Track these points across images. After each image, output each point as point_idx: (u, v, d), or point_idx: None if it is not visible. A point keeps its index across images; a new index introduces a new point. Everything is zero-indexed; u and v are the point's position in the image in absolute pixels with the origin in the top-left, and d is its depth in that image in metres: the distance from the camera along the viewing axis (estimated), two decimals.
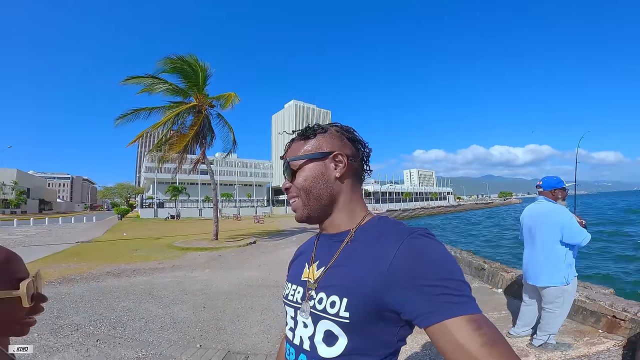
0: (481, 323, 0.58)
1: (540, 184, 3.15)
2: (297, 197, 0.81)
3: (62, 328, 3.91)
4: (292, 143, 0.85)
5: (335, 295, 0.71)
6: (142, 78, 12.51)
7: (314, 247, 0.87)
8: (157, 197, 55.08)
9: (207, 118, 13.63)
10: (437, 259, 0.65)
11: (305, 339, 0.76)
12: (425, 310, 0.61)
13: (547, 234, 2.90)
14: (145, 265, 8.34)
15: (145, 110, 13.09)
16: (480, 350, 0.54)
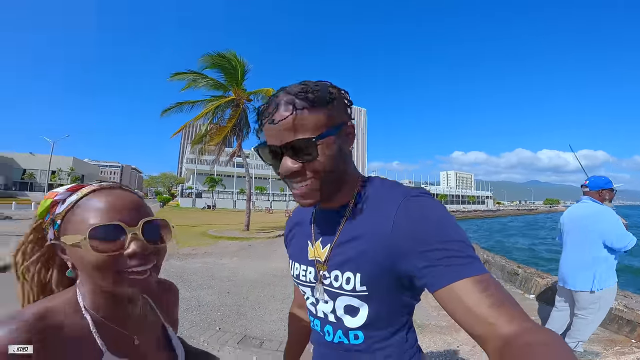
0: (488, 284, 0.56)
1: (587, 184, 2.93)
2: (309, 180, 0.67)
3: None
4: (283, 112, 0.64)
5: (349, 272, 0.71)
6: (186, 74, 13.31)
7: (312, 222, 0.84)
8: (196, 188, 57.83)
9: (244, 112, 14.14)
10: (436, 221, 0.63)
11: (329, 313, 0.77)
12: (431, 275, 0.60)
13: (589, 236, 2.71)
14: (180, 251, 8.77)
15: (188, 104, 13.89)
16: (488, 311, 0.52)
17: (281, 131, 0.65)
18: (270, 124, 0.66)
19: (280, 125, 0.64)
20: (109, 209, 0.58)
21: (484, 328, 0.52)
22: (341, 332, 0.76)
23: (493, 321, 0.51)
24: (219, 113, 13.99)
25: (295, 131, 0.64)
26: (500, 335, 0.50)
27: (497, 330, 0.50)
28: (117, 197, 0.61)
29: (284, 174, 0.68)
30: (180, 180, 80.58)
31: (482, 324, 0.52)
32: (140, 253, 0.58)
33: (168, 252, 0.68)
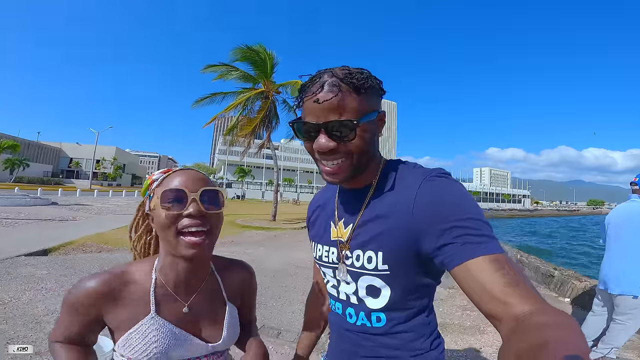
0: (503, 263, 0.56)
1: (637, 181, 2.72)
2: (340, 159, 0.69)
3: None
4: (328, 92, 0.66)
5: (371, 251, 0.72)
6: (218, 66, 13.73)
7: (336, 204, 0.85)
8: (226, 178, 59.65)
9: (273, 103, 14.36)
10: (454, 199, 0.64)
11: (351, 295, 0.78)
12: (449, 253, 0.60)
13: (633, 235, 2.56)
14: None
15: (219, 95, 14.30)
16: (503, 290, 0.52)
17: (324, 110, 0.66)
18: (314, 102, 0.67)
19: (324, 105, 0.66)
20: (180, 180, 0.73)
21: (497, 307, 0.52)
22: (364, 315, 0.76)
23: (507, 300, 0.51)
24: (249, 105, 14.27)
25: (339, 112, 0.66)
26: (513, 315, 0.49)
27: (510, 309, 0.50)
28: (188, 173, 0.76)
29: (318, 150, 0.69)
30: (212, 170, 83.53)
31: (496, 302, 0.52)
32: (196, 213, 0.70)
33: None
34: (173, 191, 0.71)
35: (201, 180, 0.75)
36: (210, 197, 0.74)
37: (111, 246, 7.22)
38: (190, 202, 0.70)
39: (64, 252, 6.50)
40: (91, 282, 0.71)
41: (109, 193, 31.37)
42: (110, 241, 7.63)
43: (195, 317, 0.78)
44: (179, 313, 0.76)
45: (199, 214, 0.70)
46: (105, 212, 14.80)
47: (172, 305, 0.76)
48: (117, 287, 0.72)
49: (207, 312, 0.80)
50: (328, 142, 0.67)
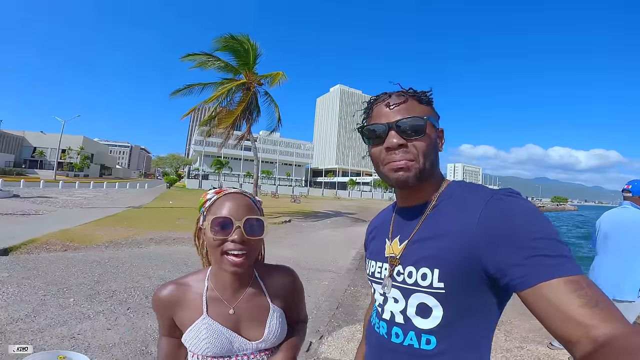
0: (581, 283, 0.52)
1: (629, 188, 2.74)
2: (411, 159, 0.71)
3: (99, 294, 4.01)
4: (397, 98, 0.74)
5: (426, 268, 0.70)
6: (198, 55, 13.15)
7: (392, 221, 0.86)
8: (202, 169, 58.16)
9: (254, 95, 13.99)
10: (525, 218, 0.61)
11: (397, 314, 0.76)
12: (518, 274, 0.57)
13: (628, 243, 2.60)
14: (185, 235, 8.67)
15: (198, 86, 13.76)
16: (579, 311, 0.49)
17: (395, 112, 0.73)
18: (385, 107, 0.74)
19: (394, 109, 0.73)
20: (228, 207, 0.84)
21: (573, 329, 0.49)
22: (413, 334, 0.73)
23: (585, 322, 0.48)
24: (229, 96, 13.84)
25: (408, 112, 0.72)
26: (592, 338, 0.46)
27: (589, 332, 0.47)
28: (235, 199, 0.86)
29: (389, 147, 0.72)
30: (187, 161, 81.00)
31: (572, 324, 0.49)
32: (239, 240, 0.80)
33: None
34: (221, 219, 0.81)
35: (247, 207, 0.85)
36: (253, 224, 0.84)
37: (78, 244, 6.73)
38: (234, 229, 0.81)
39: (27, 251, 5.99)
40: (160, 292, 0.90)
41: (75, 184, 29.68)
42: (77, 238, 7.12)
43: (240, 318, 0.89)
44: (226, 314, 0.88)
45: (241, 240, 0.81)
46: (72, 205, 13.96)
47: (220, 308, 0.88)
48: (179, 294, 0.89)
49: (251, 314, 0.90)
50: (399, 139, 0.71)
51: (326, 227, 13.02)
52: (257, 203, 0.92)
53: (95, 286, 4.29)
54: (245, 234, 0.81)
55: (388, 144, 0.72)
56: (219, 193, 0.88)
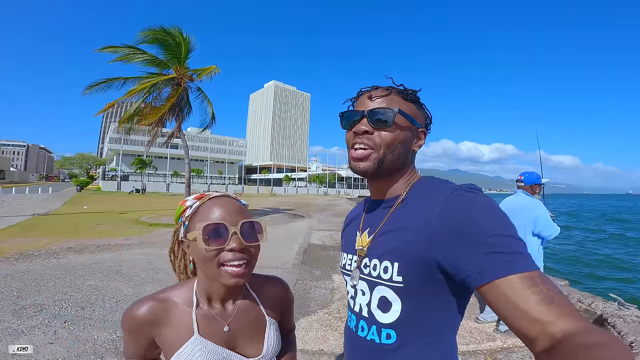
0: (537, 280, 0.53)
1: (522, 179, 3.24)
2: (372, 148, 0.74)
3: (25, 309, 3.60)
4: (381, 90, 0.77)
5: (387, 261, 0.71)
6: (120, 48, 11.87)
7: (363, 214, 0.88)
8: (121, 170, 52.38)
9: (185, 91, 13.14)
10: (484, 215, 0.62)
11: (364, 306, 0.77)
12: (475, 270, 0.58)
13: (522, 226, 2.95)
14: (110, 241, 7.91)
15: (119, 80, 12.39)
16: (536, 308, 0.50)
17: (373, 102, 0.75)
18: (368, 98, 0.77)
19: (375, 100, 0.76)
20: (218, 212, 0.74)
21: (531, 326, 0.50)
22: (375, 329, 0.75)
23: (542, 318, 0.49)
24: (155, 91, 12.77)
25: (384, 105, 0.75)
26: (549, 335, 0.47)
27: (546, 329, 0.48)
28: (225, 203, 0.77)
29: (355, 131, 0.75)
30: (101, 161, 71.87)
31: (529, 321, 0.50)
32: (238, 248, 0.72)
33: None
34: (213, 225, 0.72)
35: (239, 211, 0.77)
36: (249, 229, 0.76)
37: None
38: (231, 237, 0.72)
39: None
40: (137, 310, 0.76)
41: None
42: None
43: (236, 335, 0.82)
44: (220, 332, 0.80)
45: (240, 248, 0.72)
46: None
47: (214, 326, 0.80)
48: (161, 312, 0.77)
49: (247, 329, 0.84)
50: (366, 126, 0.74)
51: (265, 225, 12.96)
52: (245, 206, 0.84)
53: (17, 301, 3.81)
54: (244, 242, 0.73)
55: (355, 129, 0.75)
56: (201, 198, 0.79)
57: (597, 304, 3.42)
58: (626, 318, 2.89)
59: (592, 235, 18.05)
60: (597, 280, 8.87)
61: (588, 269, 10.10)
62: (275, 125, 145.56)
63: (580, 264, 10.82)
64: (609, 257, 11.85)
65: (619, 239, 17.14)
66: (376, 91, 0.77)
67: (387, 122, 0.73)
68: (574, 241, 15.70)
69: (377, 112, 0.73)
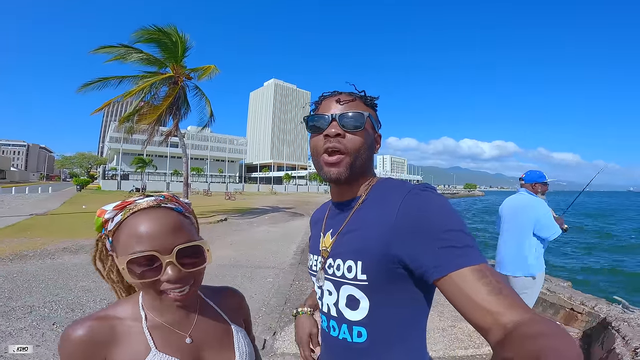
0: (485, 272, 0.57)
1: (523, 177, 3.15)
2: (344, 153, 0.75)
3: (14, 310, 3.56)
4: (347, 95, 0.80)
5: (351, 260, 0.73)
6: (115, 48, 11.71)
7: (326, 215, 0.90)
8: (121, 169, 52.42)
9: (183, 90, 13.05)
10: (437, 212, 0.65)
11: (332, 306, 0.79)
12: (431, 264, 0.61)
13: (523, 225, 2.91)
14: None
15: (115, 79, 12.29)
16: (486, 299, 0.53)
17: (341, 106, 0.78)
18: (336, 102, 0.78)
19: (343, 105, 0.78)
20: (146, 236, 0.61)
21: (483, 317, 0.53)
22: (346, 327, 0.76)
23: (492, 309, 0.52)
24: (153, 90, 12.68)
25: (352, 109, 0.77)
26: (501, 325, 0.50)
27: (498, 319, 0.51)
28: (155, 220, 0.63)
29: (327, 134, 0.75)
30: (101, 161, 71.90)
31: (482, 312, 0.53)
32: (174, 279, 0.61)
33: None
34: (141, 259, 0.60)
35: (173, 230, 0.64)
36: (189, 251, 0.64)
37: None
38: (165, 268, 0.61)
39: None
40: (75, 332, 0.63)
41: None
42: None
43: (201, 347, 0.72)
44: (182, 345, 0.70)
45: (178, 278, 0.62)
46: None
47: (173, 339, 0.70)
48: (103, 331, 0.65)
49: (213, 339, 0.75)
50: (338, 129, 0.75)
51: (264, 224, 12.93)
52: (186, 211, 0.71)
53: (8, 302, 3.77)
54: (182, 269, 0.62)
55: (327, 132, 0.75)
56: (123, 208, 0.65)
57: (601, 307, 3.29)
58: (631, 322, 2.75)
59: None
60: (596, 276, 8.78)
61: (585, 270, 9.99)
62: (275, 124, 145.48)
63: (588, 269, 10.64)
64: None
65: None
66: (343, 95, 0.80)
67: (359, 126, 0.75)
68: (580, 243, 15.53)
69: (349, 115, 0.75)
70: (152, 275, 0.61)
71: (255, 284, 4.94)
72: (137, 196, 0.70)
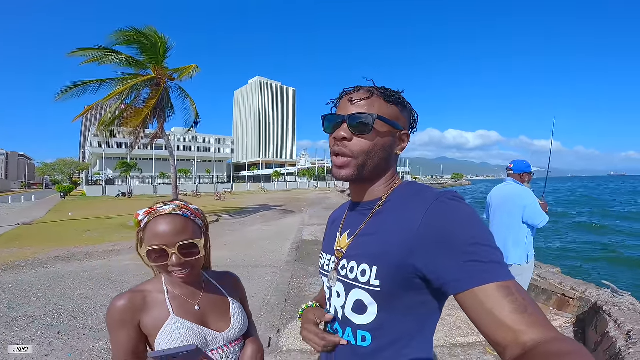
0: (512, 289, 0.55)
1: (511, 167, 3.24)
2: (351, 156, 0.73)
3: (17, 320, 3.55)
4: (362, 93, 0.75)
5: (365, 264, 0.71)
6: (93, 50, 11.41)
7: (344, 215, 0.88)
8: (105, 174, 51.20)
9: (166, 91, 12.86)
10: (464, 223, 0.62)
11: (339, 309, 0.78)
12: (453, 277, 0.59)
13: (511, 214, 2.99)
14: (98, 248, 7.78)
15: (94, 83, 11.97)
16: (510, 317, 0.52)
17: (354, 107, 0.73)
18: (348, 101, 0.75)
19: (355, 103, 0.73)
20: (159, 234, 0.87)
21: (504, 334, 0.51)
22: (350, 330, 0.75)
23: (514, 327, 0.51)
24: (135, 93, 12.44)
25: (364, 109, 0.73)
26: (520, 343, 0.49)
27: (518, 337, 0.50)
28: (166, 224, 0.88)
29: (335, 137, 0.74)
30: (83, 166, 70.01)
31: (503, 329, 0.52)
32: (177, 264, 0.88)
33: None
34: (154, 249, 0.87)
35: (179, 230, 0.89)
36: (188, 246, 0.89)
37: None
38: (170, 256, 0.87)
39: None
40: (118, 302, 0.89)
41: None
42: None
43: (205, 312, 0.97)
44: (192, 311, 0.94)
45: (179, 264, 0.88)
46: None
47: (186, 306, 0.95)
48: (138, 300, 0.91)
49: (214, 307, 0.99)
50: (346, 132, 0.73)
51: (257, 223, 12.93)
52: (193, 216, 0.94)
53: (8, 313, 3.77)
54: (182, 258, 0.87)
55: (335, 135, 0.74)
56: (150, 213, 0.91)
57: (591, 292, 3.40)
58: (621, 306, 2.87)
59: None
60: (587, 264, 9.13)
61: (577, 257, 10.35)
62: (261, 122, 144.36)
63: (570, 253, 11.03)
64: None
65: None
66: (357, 93, 0.75)
67: (366, 128, 0.71)
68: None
69: (357, 117, 0.72)
70: (162, 261, 0.87)
71: (254, 284, 5.01)
72: (161, 204, 0.93)
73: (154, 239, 0.87)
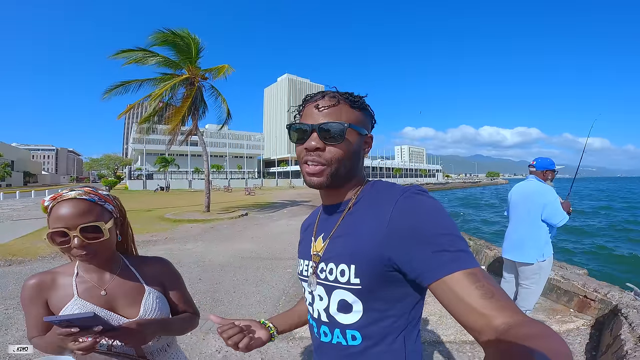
0: (478, 276, 0.58)
1: (534, 164, 3.17)
2: (324, 163, 0.74)
3: None
4: (328, 100, 0.75)
5: (343, 264, 0.73)
6: (133, 51, 12.21)
7: (317, 219, 0.90)
8: (145, 169, 54.36)
9: (199, 90, 13.47)
10: (430, 215, 0.65)
11: (322, 312, 0.78)
12: (425, 269, 0.62)
13: (531, 211, 2.95)
14: (137, 238, 7.84)
15: (135, 83, 12.83)
16: (479, 302, 0.55)
17: (321, 115, 0.74)
18: (315, 108, 0.75)
19: (323, 111, 0.74)
20: (61, 217, 0.88)
21: (476, 319, 0.54)
22: (339, 332, 0.76)
23: (485, 312, 0.53)
24: (171, 92, 13.19)
25: (334, 117, 0.73)
26: (493, 328, 0.52)
27: (490, 322, 0.52)
28: (68, 207, 0.89)
29: (306, 148, 0.74)
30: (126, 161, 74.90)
31: (474, 314, 0.54)
32: (79, 246, 0.88)
33: None
34: (55, 231, 0.88)
35: (81, 213, 0.89)
36: (91, 229, 0.90)
37: (21, 257, 6.26)
38: (72, 239, 0.88)
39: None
40: (30, 281, 0.97)
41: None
42: (18, 252, 6.60)
43: (113, 298, 0.99)
44: (98, 295, 0.97)
45: (81, 246, 0.88)
46: (1, 217, 12.53)
47: (93, 291, 0.98)
48: (47, 280, 0.97)
49: (124, 295, 1.00)
50: (318, 142, 0.72)
51: (283, 217, 13.24)
52: (101, 201, 0.94)
53: None
54: (85, 240, 0.87)
55: (306, 145, 0.74)
56: (54, 199, 0.91)
57: (614, 294, 3.30)
58: (639, 309, 2.78)
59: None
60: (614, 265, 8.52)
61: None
62: (290, 118, 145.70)
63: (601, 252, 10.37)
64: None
65: None
66: (323, 100, 0.75)
67: (338, 138, 0.72)
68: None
69: (327, 127, 0.72)
70: (64, 244, 0.88)
71: (276, 275, 5.21)
72: (67, 190, 0.93)
73: (57, 222, 0.87)
